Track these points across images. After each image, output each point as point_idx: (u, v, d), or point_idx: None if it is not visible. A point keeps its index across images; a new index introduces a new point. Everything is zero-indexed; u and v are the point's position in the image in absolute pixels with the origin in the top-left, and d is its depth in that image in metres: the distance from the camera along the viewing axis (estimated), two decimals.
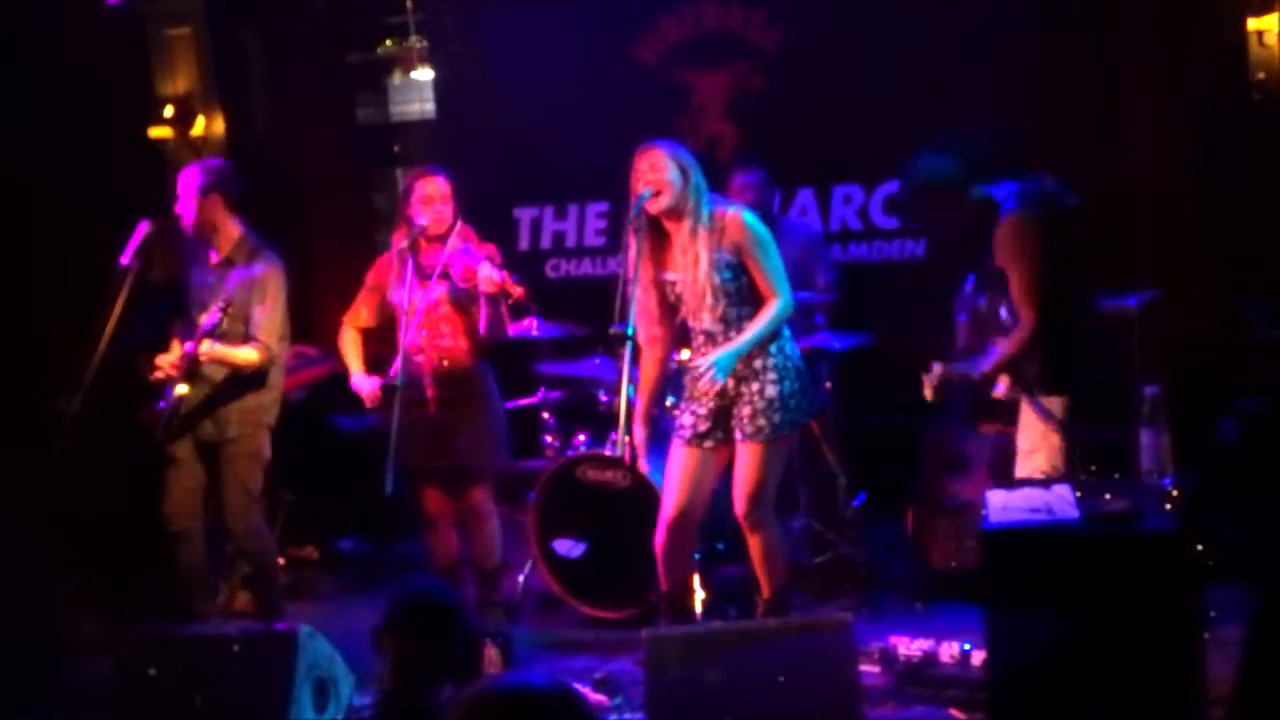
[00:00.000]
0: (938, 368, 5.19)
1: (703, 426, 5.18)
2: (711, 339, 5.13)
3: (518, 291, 5.44)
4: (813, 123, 7.18)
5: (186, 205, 5.72)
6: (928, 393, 5.22)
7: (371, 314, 5.85)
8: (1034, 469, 5.07)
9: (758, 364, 5.10)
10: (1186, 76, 6.69)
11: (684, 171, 5.05)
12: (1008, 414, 5.39)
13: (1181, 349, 6.32)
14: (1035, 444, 5.11)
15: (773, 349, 5.13)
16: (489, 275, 5.40)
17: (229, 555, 6.32)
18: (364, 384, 5.74)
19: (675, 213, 5.08)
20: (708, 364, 5.02)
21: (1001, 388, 5.25)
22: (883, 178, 7.27)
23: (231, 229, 5.74)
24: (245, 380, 5.77)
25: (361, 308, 5.88)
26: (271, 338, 5.68)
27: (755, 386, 5.10)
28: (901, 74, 7.02)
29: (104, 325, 5.68)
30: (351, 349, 5.87)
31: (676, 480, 5.25)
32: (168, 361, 5.68)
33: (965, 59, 6.90)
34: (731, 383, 5.11)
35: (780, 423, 5.12)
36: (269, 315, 5.68)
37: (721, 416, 5.18)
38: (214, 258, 5.72)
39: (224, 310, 5.49)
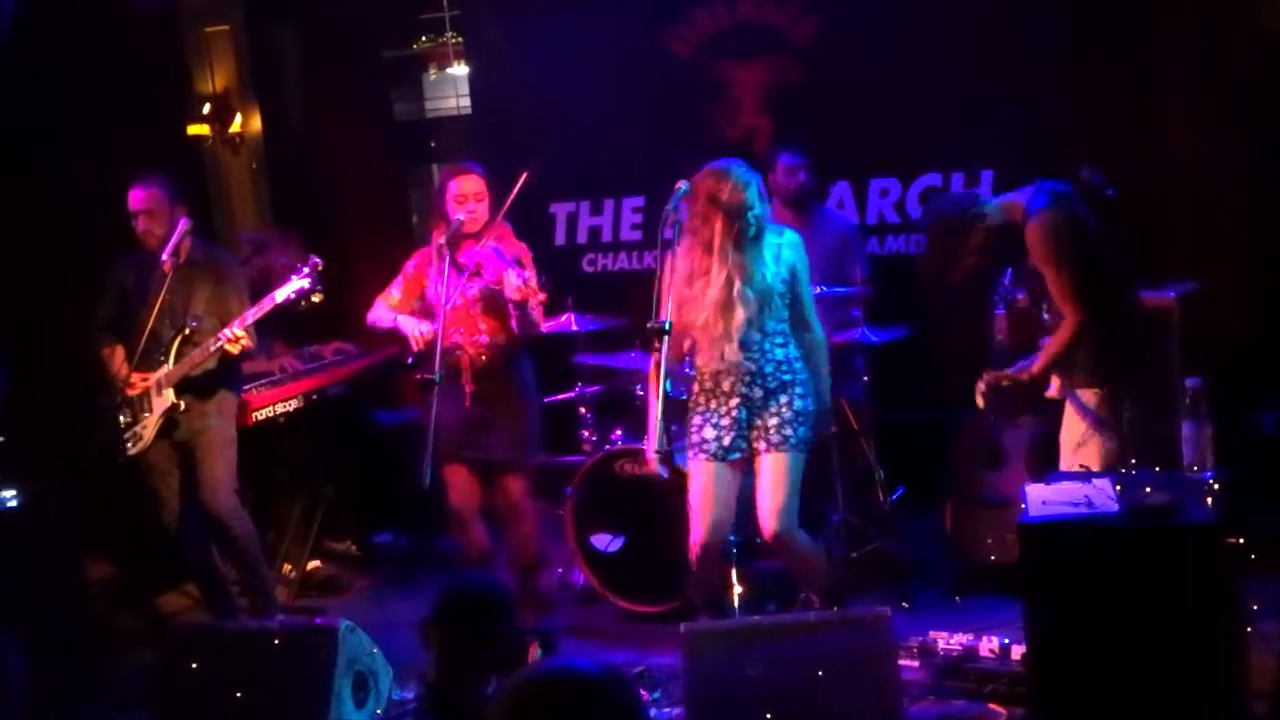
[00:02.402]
0: (989, 376, 5.15)
1: (727, 439, 5.19)
2: (748, 346, 5.13)
3: (539, 297, 5.43)
4: (849, 116, 7.16)
5: (158, 218, 5.82)
6: (980, 400, 5.18)
7: (405, 299, 5.80)
8: (1079, 465, 5.05)
9: (787, 379, 5.18)
10: (1228, 67, 6.63)
11: (759, 193, 5.11)
12: (1043, 405, 5.38)
13: (1223, 342, 6.27)
14: (1083, 438, 5.08)
15: (798, 366, 5.22)
16: (514, 284, 5.41)
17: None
18: (411, 324, 5.66)
19: (759, 232, 5.13)
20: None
21: (1054, 388, 5.24)
22: (919, 171, 7.24)
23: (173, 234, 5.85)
24: (219, 373, 5.89)
25: (395, 291, 5.83)
26: (245, 325, 5.79)
27: (784, 399, 5.16)
28: (937, 67, 6.99)
29: (144, 322, 5.73)
30: (385, 311, 5.81)
31: (706, 498, 5.23)
32: (139, 377, 5.82)
33: (1001, 53, 6.86)
34: (760, 393, 5.15)
35: (805, 436, 5.19)
36: (243, 304, 5.85)
37: (743, 427, 5.19)
38: (167, 264, 5.77)
39: (246, 328, 5.72)
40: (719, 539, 5.27)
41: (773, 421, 5.15)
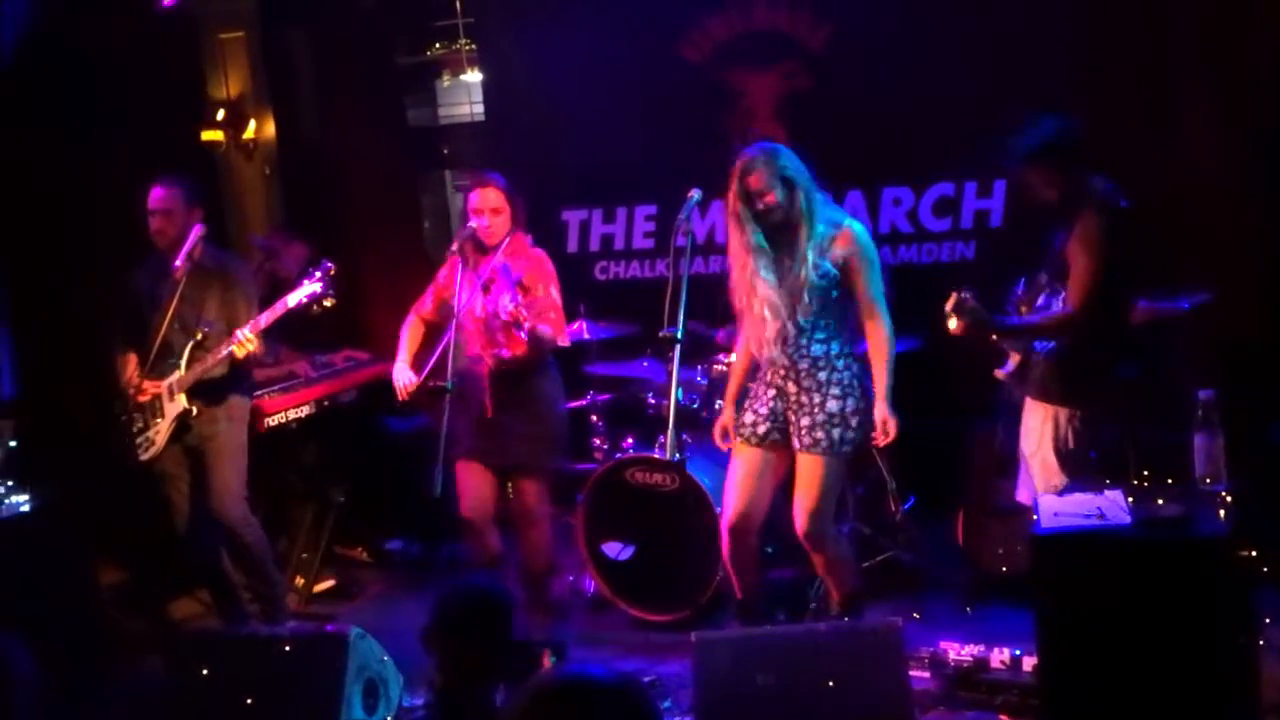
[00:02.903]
0: (965, 294, 4.92)
1: (762, 427, 5.20)
2: (783, 339, 5.14)
3: (528, 325, 5.40)
4: (861, 124, 7.14)
5: (172, 220, 5.84)
6: (950, 322, 4.92)
7: (435, 308, 5.87)
8: (1037, 473, 5.04)
9: (822, 376, 5.14)
10: (1243, 73, 6.61)
11: (788, 181, 5.06)
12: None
13: (1235, 352, 6.25)
14: (1035, 448, 5.08)
15: (839, 364, 5.17)
16: (507, 308, 5.43)
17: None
18: (402, 374, 5.73)
19: (788, 221, 5.09)
20: (889, 418, 5.13)
21: (1010, 365, 5.20)
22: (932, 180, 7.23)
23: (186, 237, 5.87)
24: (231, 378, 5.90)
25: (428, 300, 5.91)
26: (258, 329, 5.79)
27: (817, 399, 5.13)
28: (950, 75, 6.97)
29: (157, 329, 5.75)
30: (408, 338, 5.89)
31: (738, 480, 5.26)
32: (151, 384, 5.84)
33: (1014, 60, 6.85)
34: (793, 389, 5.14)
35: (839, 439, 5.13)
36: (251, 310, 5.86)
37: (778, 418, 5.19)
38: (178, 268, 5.79)
39: (257, 333, 5.71)
40: (749, 523, 5.28)
41: (805, 422, 5.14)
